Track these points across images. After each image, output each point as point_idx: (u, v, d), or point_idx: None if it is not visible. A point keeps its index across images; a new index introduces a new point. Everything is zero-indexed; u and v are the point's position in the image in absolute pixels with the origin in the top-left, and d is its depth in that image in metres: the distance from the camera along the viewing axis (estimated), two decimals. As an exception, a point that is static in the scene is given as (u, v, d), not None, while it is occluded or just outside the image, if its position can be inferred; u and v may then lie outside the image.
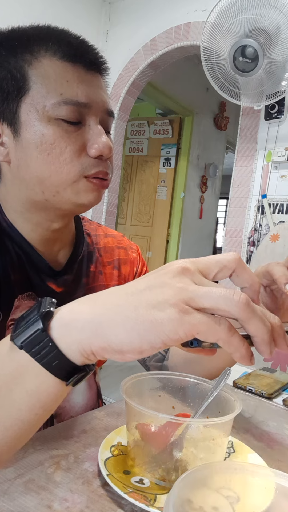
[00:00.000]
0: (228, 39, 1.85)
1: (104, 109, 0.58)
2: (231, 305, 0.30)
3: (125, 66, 2.64)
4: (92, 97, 0.55)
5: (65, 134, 0.54)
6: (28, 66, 0.53)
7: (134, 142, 3.96)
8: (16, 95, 0.54)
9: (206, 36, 1.88)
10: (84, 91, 0.54)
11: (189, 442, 0.48)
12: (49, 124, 0.53)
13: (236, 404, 0.50)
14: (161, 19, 2.48)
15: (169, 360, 0.75)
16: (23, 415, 0.34)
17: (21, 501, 0.42)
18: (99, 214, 2.74)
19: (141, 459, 0.49)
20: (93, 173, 0.56)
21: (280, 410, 0.77)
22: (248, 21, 1.79)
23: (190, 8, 2.36)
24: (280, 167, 2.10)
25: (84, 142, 0.55)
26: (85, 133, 0.56)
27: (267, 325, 0.32)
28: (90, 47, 0.58)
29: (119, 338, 0.32)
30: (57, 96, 0.53)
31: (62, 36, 0.56)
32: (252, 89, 1.94)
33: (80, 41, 0.57)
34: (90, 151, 0.55)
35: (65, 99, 0.53)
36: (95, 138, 0.55)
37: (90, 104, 0.55)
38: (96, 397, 0.75)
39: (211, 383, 0.58)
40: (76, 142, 0.55)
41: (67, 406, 0.68)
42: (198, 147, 3.88)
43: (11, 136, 0.55)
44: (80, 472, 0.49)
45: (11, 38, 0.56)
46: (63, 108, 0.53)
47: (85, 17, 2.59)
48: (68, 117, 0.54)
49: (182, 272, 0.32)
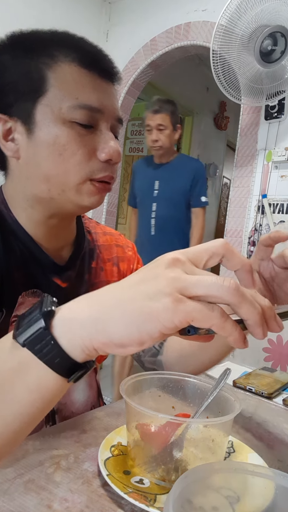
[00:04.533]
0: (237, 37, 1.84)
1: (115, 115, 0.60)
2: (222, 291, 0.31)
3: (125, 66, 2.64)
4: (105, 104, 0.58)
5: (78, 137, 0.56)
6: (48, 69, 0.55)
7: (134, 142, 3.96)
8: (33, 95, 0.55)
9: (217, 38, 1.87)
10: (98, 97, 0.57)
11: (189, 442, 0.48)
12: (63, 126, 0.55)
13: (236, 404, 0.50)
14: (161, 19, 2.48)
15: (163, 355, 0.76)
16: (25, 410, 0.35)
17: (21, 501, 0.42)
18: (99, 214, 2.74)
19: (141, 459, 0.49)
20: (100, 176, 0.58)
21: (280, 410, 0.77)
22: (255, 19, 1.78)
23: (190, 8, 2.35)
24: (280, 167, 2.10)
25: (95, 146, 0.57)
26: (96, 137, 0.58)
27: (257, 308, 0.33)
28: (106, 57, 0.60)
29: (119, 332, 0.32)
30: (73, 99, 0.55)
31: (81, 43, 0.59)
32: (252, 89, 1.94)
33: (97, 50, 0.60)
34: (100, 155, 0.57)
35: (80, 103, 0.55)
36: (106, 143, 0.57)
37: (103, 110, 0.57)
38: (97, 395, 0.75)
39: (211, 383, 0.58)
40: (87, 145, 0.57)
41: (68, 402, 0.68)
42: (198, 147, 3.88)
43: (24, 133, 0.57)
44: (80, 472, 0.49)
45: (29, 40, 0.58)
46: (78, 112, 0.55)
47: (85, 17, 2.59)
48: (82, 120, 0.56)
49: (173, 263, 0.33)
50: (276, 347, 2.09)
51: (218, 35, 1.86)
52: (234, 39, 1.84)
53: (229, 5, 1.80)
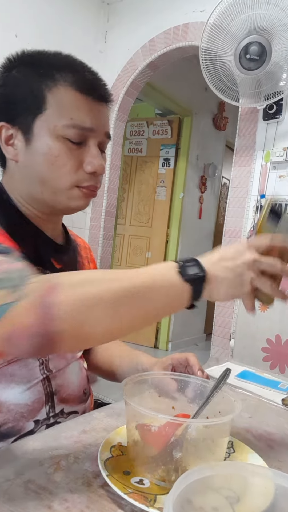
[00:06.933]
0: (229, 38, 1.85)
1: (104, 132, 0.69)
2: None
3: (123, 66, 2.64)
4: (97, 123, 0.66)
5: (68, 151, 0.65)
6: (48, 91, 0.64)
7: (133, 142, 3.96)
8: (34, 111, 0.64)
9: (206, 36, 1.88)
10: (91, 118, 0.65)
11: (189, 443, 0.48)
12: (56, 140, 0.64)
13: (236, 405, 0.50)
14: (159, 20, 2.48)
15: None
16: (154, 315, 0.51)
17: (21, 501, 0.42)
18: (98, 215, 2.74)
19: (141, 459, 0.49)
20: (85, 185, 0.67)
21: (280, 410, 0.77)
22: (248, 20, 1.79)
23: (188, 9, 2.36)
24: (279, 167, 2.10)
25: (83, 159, 0.66)
26: (85, 152, 0.67)
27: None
28: (102, 84, 0.69)
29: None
30: (68, 119, 0.64)
31: (80, 69, 0.67)
32: (250, 90, 1.94)
33: (94, 78, 0.68)
34: (86, 168, 0.66)
35: (74, 123, 0.64)
36: (93, 158, 0.66)
37: (94, 129, 0.66)
38: (87, 380, 0.81)
39: (211, 383, 0.58)
40: (76, 159, 0.66)
41: (65, 383, 0.73)
42: (197, 147, 3.88)
43: (23, 141, 0.66)
44: (80, 472, 0.49)
45: (36, 61, 0.66)
46: (71, 130, 0.64)
47: (84, 18, 2.59)
48: (73, 138, 0.64)
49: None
50: (274, 347, 2.10)
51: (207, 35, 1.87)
52: (222, 39, 1.85)
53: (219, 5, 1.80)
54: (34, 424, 0.65)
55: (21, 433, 0.63)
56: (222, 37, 1.86)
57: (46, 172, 0.65)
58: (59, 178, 0.65)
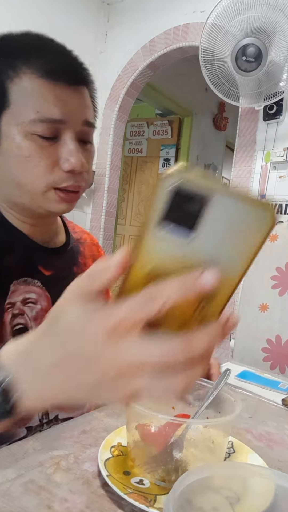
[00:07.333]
0: (228, 39, 1.85)
1: (82, 121, 0.59)
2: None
3: (124, 67, 2.64)
4: (70, 113, 0.57)
5: (39, 149, 0.57)
6: (10, 82, 0.55)
7: (133, 142, 3.96)
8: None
9: (205, 36, 1.89)
10: (60, 108, 0.56)
11: (189, 443, 0.48)
12: (25, 138, 0.56)
13: (236, 405, 0.50)
14: (159, 20, 2.48)
15: None
16: None
17: (21, 502, 0.42)
18: (98, 215, 2.74)
19: (141, 459, 0.49)
20: (64, 186, 0.59)
21: (280, 410, 0.77)
22: (247, 21, 1.79)
23: (188, 9, 2.36)
24: (279, 168, 2.10)
25: (57, 157, 0.58)
26: (59, 147, 0.58)
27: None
28: (73, 62, 0.59)
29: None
30: (34, 113, 0.55)
31: (47, 50, 0.58)
32: (250, 90, 1.94)
33: (63, 57, 0.59)
34: (63, 166, 0.58)
35: (41, 116, 0.55)
36: (68, 154, 0.58)
37: (66, 120, 0.57)
38: None
39: (211, 383, 0.58)
40: (50, 157, 0.57)
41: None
42: (197, 148, 3.88)
43: None
44: (80, 472, 0.49)
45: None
46: (39, 125, 0.55)
47: (84, 19, 2.59)
48: (43, 133, 0.56)
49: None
50: (275, 347, 2.10)
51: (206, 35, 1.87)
52: (221, 39, 1.85)
53: (218, 5, 1.80)
54: (26, 430, 0.63)
55: (13, 440, 0.60)
56: (221, 37, 1.86)
57: (20, 175, 0.58)
58: (33, 181, 0.58)
